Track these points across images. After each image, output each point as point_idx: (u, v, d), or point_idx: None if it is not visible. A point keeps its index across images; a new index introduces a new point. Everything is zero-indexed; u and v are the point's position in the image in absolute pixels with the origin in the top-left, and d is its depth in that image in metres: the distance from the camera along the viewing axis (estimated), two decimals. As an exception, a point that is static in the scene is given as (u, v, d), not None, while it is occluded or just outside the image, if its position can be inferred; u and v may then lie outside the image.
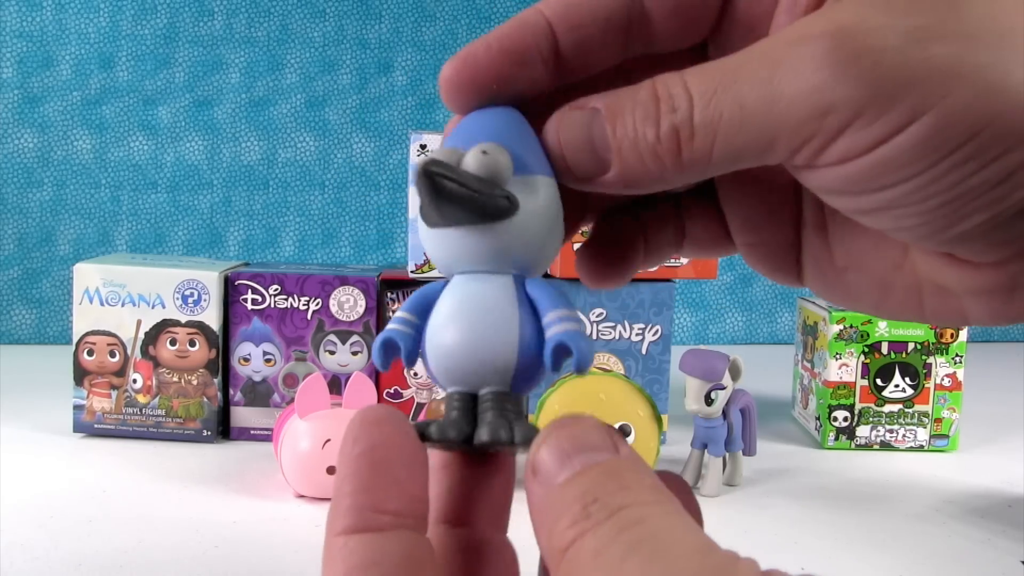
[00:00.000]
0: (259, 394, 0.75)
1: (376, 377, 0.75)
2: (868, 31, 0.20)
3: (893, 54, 0.19)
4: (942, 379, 0.77)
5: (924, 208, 0.20)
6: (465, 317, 0.23)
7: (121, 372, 0.74)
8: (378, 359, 0.23)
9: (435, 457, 0.24)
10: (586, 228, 0.29)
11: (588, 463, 0.19)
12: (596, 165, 0.23)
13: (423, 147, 0.73)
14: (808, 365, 0.82)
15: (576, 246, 0.32)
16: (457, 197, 0.22)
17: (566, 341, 0.22)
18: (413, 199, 0.73)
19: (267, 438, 0.74)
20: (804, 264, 0.27)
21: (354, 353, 0.75)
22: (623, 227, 0.28)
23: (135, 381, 0.74)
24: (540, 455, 0.20)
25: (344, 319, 0.75)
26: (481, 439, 0.22)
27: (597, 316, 0.74)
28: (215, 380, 0.74)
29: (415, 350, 0.23)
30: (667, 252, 0.29)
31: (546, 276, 0.72)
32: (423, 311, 0.23)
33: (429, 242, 0.24)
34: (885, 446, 0.77)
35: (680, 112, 0.21)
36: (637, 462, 0.19)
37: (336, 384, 0.74)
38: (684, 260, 0.74)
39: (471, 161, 0.22)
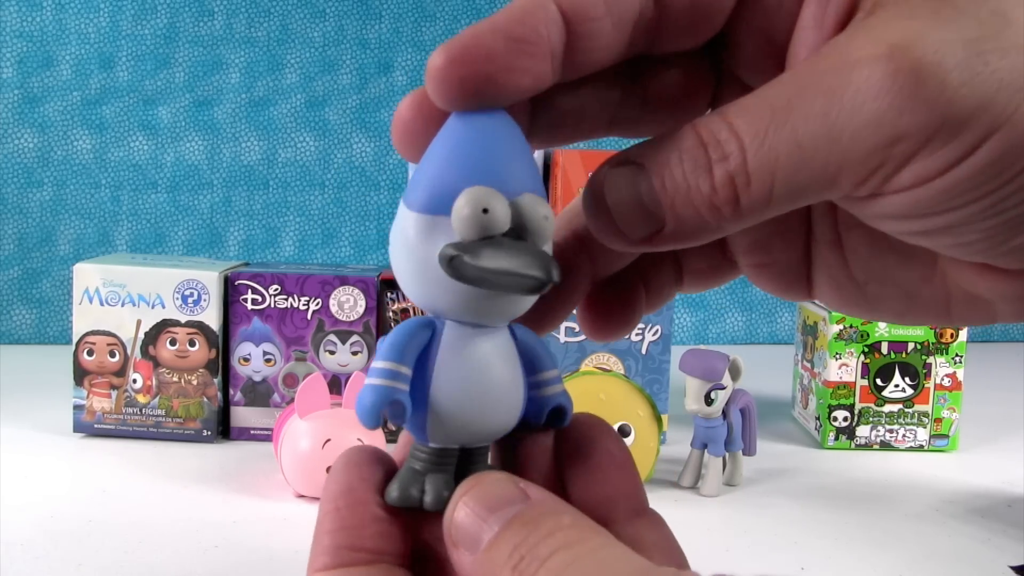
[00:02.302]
0: (259, 394, 0.75)
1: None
2: (927, 49, 0.18)
3: (959, 73, 0.18)
4: (942, 379, 0.77)
5: (988, 225, 0.20)
6: (478, 383, 0.21)
7: (121, 372, 0.74)
8: (373, 419, 0.20)
9: None
10: None
11: (504, 519, 0.19)
12: (649, 225, 0.21)
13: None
14: (808, 365, 0.82)
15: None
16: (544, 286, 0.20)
17: (564, 405, 0.23)
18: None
19: (267, 438, 0.74)
20: (816, 279, 0.26)
21: (354, 353, 0.75)
22: (620, 276, 0.27)
23: (135, 381, 0.74)
24: (456, 523, 0.19)
25: (344, 319, 0.75)
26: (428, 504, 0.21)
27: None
28: (215, 380, 0.74)
29: (411, 409, 0.21)
30: (668, 293, 0.27)
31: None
32: (412, 358, 0.21)
33: (427, 283, 0.21)
34: (885, 446, 0.77)
35: (733, 158, 0.20)
36: (550, 503, 0.19)
37: (336, 384, 0.74)
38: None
39: (531, 225, 0.20)
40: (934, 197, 0.19)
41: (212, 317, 0.73)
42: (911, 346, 0.76)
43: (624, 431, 0.64)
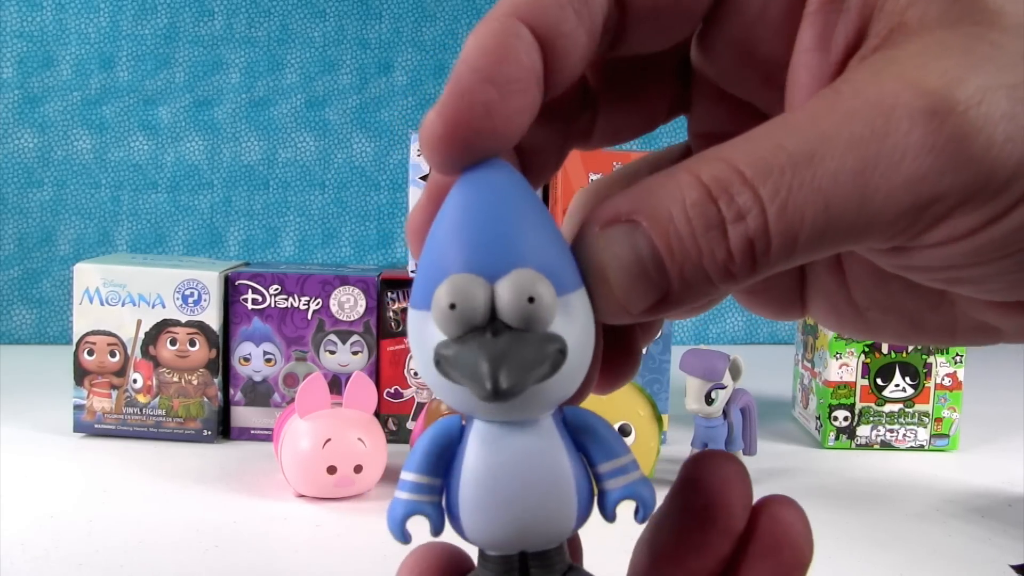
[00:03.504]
0: (259, 394, 0.75)
1: (376, 377, 0.75)
2: (970, 100, 0.16)
3: (1004, 128, 0.16)
4: (942, 379, 0.77)
5: (1016, 277, 0.18)
6: (509, 486, 0.19)
7: (121, 372, 0.74)
8: (400, 535, 0.20)
9: None
10: None
11: None
12: (652, 294, 0.18)
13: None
14: (808, 365, 0.82)
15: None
16: (525, 383, 0.18)
17: (633, 497, 0.20)
18: (413, 199, 0.73)
19: (267, 438, 0.74)
20: (811, 302, 0.24)
21: (354, 353, 0.75)
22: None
23: (135, 381, 0.74)
24: None
25: (344, 319, 0.75)
26: None
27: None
28: (215, 380, 0.74)
29: (442, 521, 0.20)
30: (658, 326, 0.25)
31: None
32: (441, 467, 0.20)
33: (442, 388, 0.19)
34: (885, 446, 0.77)
35: (752, 219, 0.17)
36: None
37: (336, 384, 0.74)
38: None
39: (511, 312, 0.18)
40: (966, 253, 0.18)
41: (212, 317, 0.73)
42: (911, 346, 0.76)
43: (624, 431, 0.64)
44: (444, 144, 0.18)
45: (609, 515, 0.20)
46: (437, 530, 0.20)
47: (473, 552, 0.21)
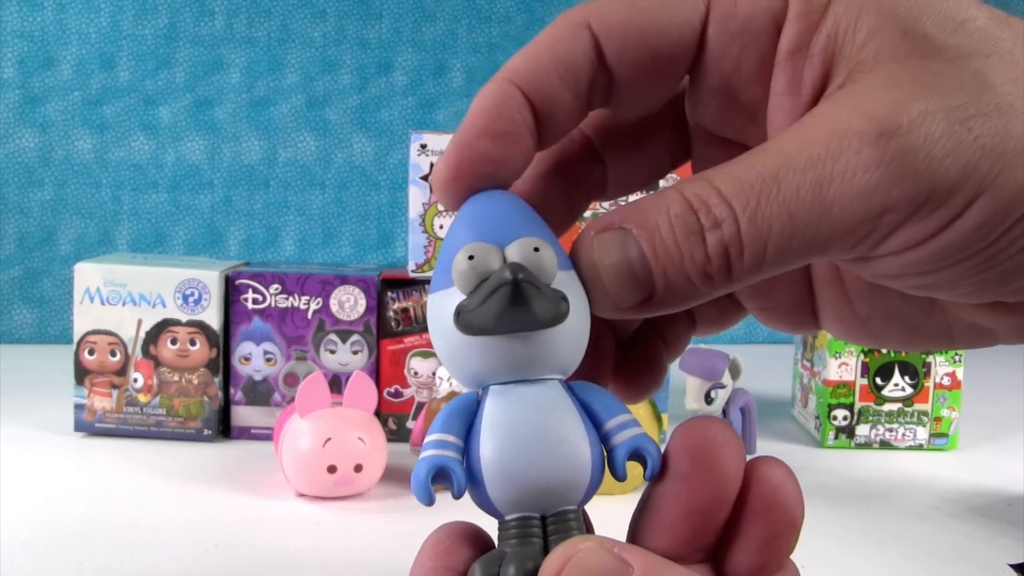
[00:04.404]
0: (260, 393, 0.75)
1: (376, 376, 0.75)
2: (913, 122, 0.19)
3: (943, 143, 0.19)
4: (942, 378, 0.77)
5: (981, 278, 0.20)
6: (531, 436, 0.20)
7: (122, 371, 0.74)
8: (425, 494, 0.20)
9: None
10: None
11: None
12: (639, 292, 0.21)
13: (423, 147, 0.73)
14: (808, 364, 0.82)
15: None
16: (537, 306, 0.20)
17: (640, 448, 0.21)
18: (413, 199, 0.73)
19: (268, 437, 0.74)
20: (821, 315, 0.26)
21: (354, 352, 0.75)
22: (639, 335, 0.27)
23: (136, 380, 0.74)
24: None
25: (345, 318, 0.75)
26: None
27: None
28: (216, 379, 0.74)
29: (464, 480, 0.21)
30: (684, 342, 0.28)
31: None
32: (463, 431, 0.21)
33: (460, 352, 0.21)
34: (885, 445, 0.77)
35: (726, 226, 0.20)
36: (656, 570, 0.19)
37: (336, 383, 0.75)
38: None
39: (520, 259, 0.20)
40: (925, 259, 0.20)
41: (213, 316, 0.74)
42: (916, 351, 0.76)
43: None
44: (450, 186, 0.22)
45: (619, 471, 0.21)
46: (460, 489, 0.20)
47: (493, 532, 0.22)
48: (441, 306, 0.21)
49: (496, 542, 0.21)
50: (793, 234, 0.19)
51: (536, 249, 0.20)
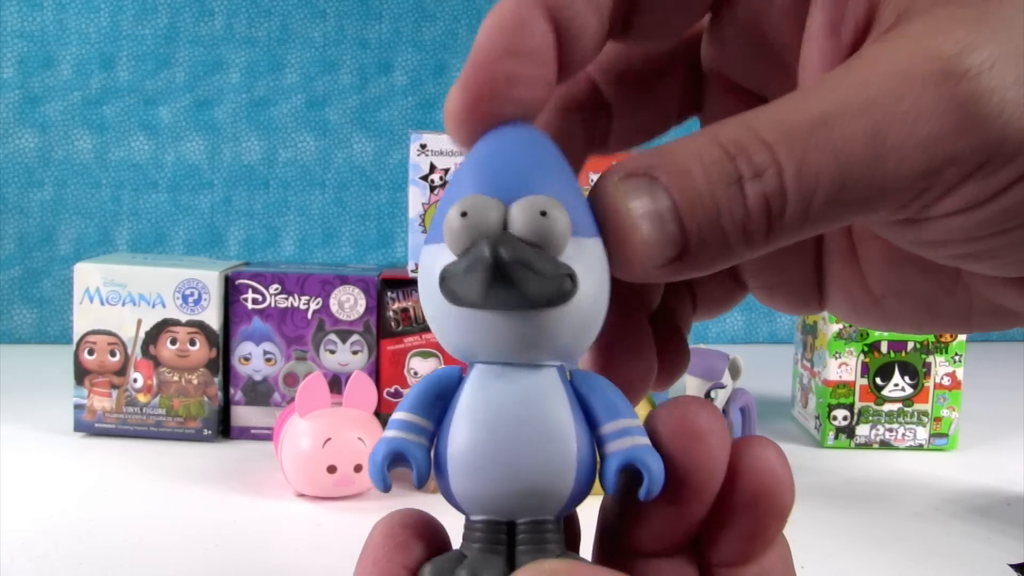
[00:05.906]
0: (259, 393, 0.75)
1: (376, 376, 0.75)
2: (983, 66, 0.17)
3: (1016, 92, 0.17)
4: (942, 378, 0.77)
5: None
6: (511, 429, 0.17)
7: (122, 371, 0.74)
8: (379, 478, 0.18)
9: None
10: None
11: None
12: (670, 249, 0.18)
13: (423, 147, 0.73)
14: (808, 364, 0.82)
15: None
16: (529, 286, 0.17)
17: (637, 461, 0.18)
18: (413, 199, 0.73)
19: (267, 437, 0.74)
20: (829, 294, 0.24)
21: (354, 352, 0.75)
22: (656, 320, 0.25)
23: (136, 380, 0.74)
24: None
25: (344, 318, 0.75)
26: None
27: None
28: (215, 379, 0.74)
29: (428, 467, 0.18)
30: (688, 327, 0.25)
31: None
32: (435, 412, 0.18)
33: (446, 320, 0.18)
34: (885, 445, 0.77)
35: (768, 177, 0.17)
36: None
37: (336, 383, 0.75)
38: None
39: (523, 225, 0.17)
40: (978, 223, 0.18)
41: (212, 316, 0.74)
42: (911, 345, 0.76)
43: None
44: (467, 116, 0.18)
45: (609, 483, 0.18)
46: (421, 478, 0.18)
47: (455, 533, 0.19)
48: (431, 263, 0.18)
49: (461, 540, 0.19)
50: (843, 188, 0.17)
51: (543, 213, 0.17)
